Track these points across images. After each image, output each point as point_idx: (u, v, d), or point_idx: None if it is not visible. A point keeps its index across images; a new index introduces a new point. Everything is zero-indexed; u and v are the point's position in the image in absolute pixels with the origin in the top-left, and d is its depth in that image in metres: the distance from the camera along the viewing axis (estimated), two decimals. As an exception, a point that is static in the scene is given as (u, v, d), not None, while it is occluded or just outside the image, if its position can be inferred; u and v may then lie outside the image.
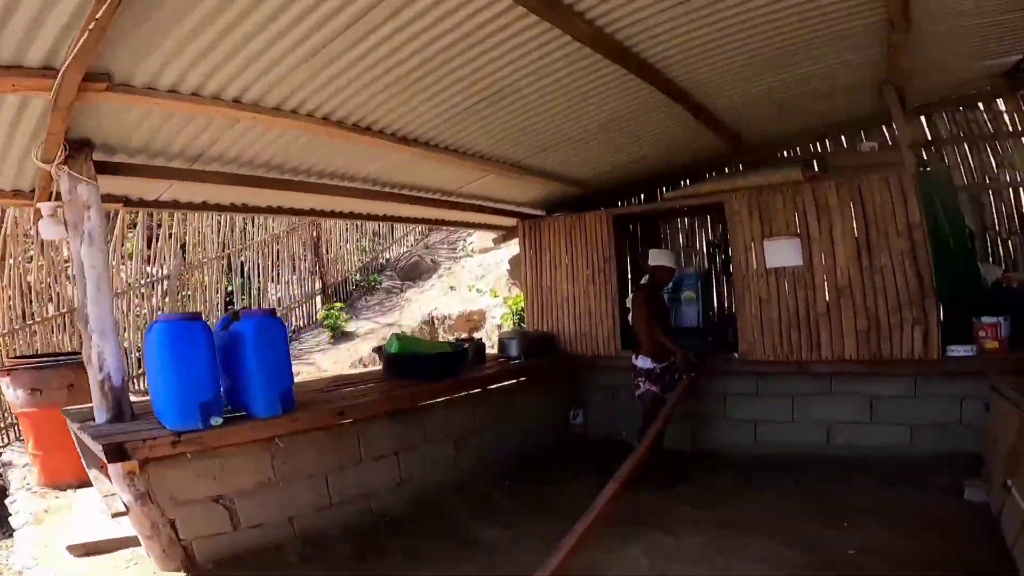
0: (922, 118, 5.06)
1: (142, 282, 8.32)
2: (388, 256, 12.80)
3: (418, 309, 9.94)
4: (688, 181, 5.78)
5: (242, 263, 9.81)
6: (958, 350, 3.93)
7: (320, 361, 8.80)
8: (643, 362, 4.31)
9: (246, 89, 2.65)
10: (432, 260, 11.97)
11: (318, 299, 11.07)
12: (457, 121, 3.51)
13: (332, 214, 5.15)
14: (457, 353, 4.43)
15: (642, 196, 6.21)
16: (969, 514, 3.12)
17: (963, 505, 3.25)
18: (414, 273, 11.77)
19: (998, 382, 3.09)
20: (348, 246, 11.75)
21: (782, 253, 4.38)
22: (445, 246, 12.60)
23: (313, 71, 2.62)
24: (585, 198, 5.90)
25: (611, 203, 6.13)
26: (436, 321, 9.48)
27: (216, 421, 2.99)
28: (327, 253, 11.38)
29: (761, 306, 4.51)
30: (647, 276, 4.44)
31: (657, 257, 4.41)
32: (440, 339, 9.29)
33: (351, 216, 6.00)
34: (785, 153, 5.49)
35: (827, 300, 4.26)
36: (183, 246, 8.83)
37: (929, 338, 3.96)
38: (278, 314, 3.87)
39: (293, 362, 9.47)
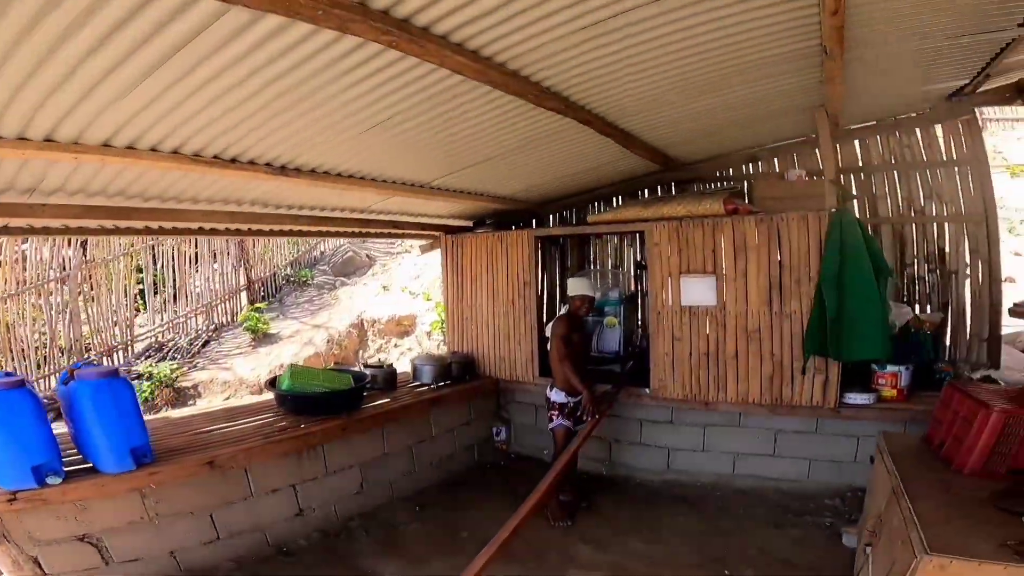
0: (856, 142, 4.89)
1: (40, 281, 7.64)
2: (324, 248, 12.30)
3: (348, 310, 9.55)
4: (620, 199, 5.62)
5: (153, 258, 9.17)
6: (856, 398, 3.93)
7: (238, 366, 8.34)
8: (556, 395, 4.18)
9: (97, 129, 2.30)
10: (368, 255, 11.54)
11: (243, 295, 10.52)
12: (348, 147, 3.19)
13: (225, 232, 4.73)
14: (353, 391, 4.15)
15: (574, 211, 6.03)
16: (843, 560, 3.28)
17: (839, 551, 3.40)
18: (348, 268, 11.32)
19: (882, 440, 3.05)
20: (278, 240, 11.18)
21: (698, 291, 4.28)
22: (384, 240, 12.17)
23: (168, 108, 2.28)
24: (517, 212, 5.66)
25: (544, 217, 5.93)
26: (365, 324, 9.12)
27: (54, 480, 2.84)
28: (254, 247, 10.80)
29: (674, 344, 4.41)
30: (567, 305, 4.29)
31: (575, 287, 4.24)
32: (369, 344, 8.96)
33: (248, 233, 5.55)
34: (718, 173, 5.38)
35: (736, 343, 4.18)
36: (84, 242, 8.14)
37: (828, 387, 3.95)
38: (195, 313, 3.54)
39: (210, 365, 9.12)
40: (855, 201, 4.85)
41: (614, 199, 5.74)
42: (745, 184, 5.13)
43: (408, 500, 4.37)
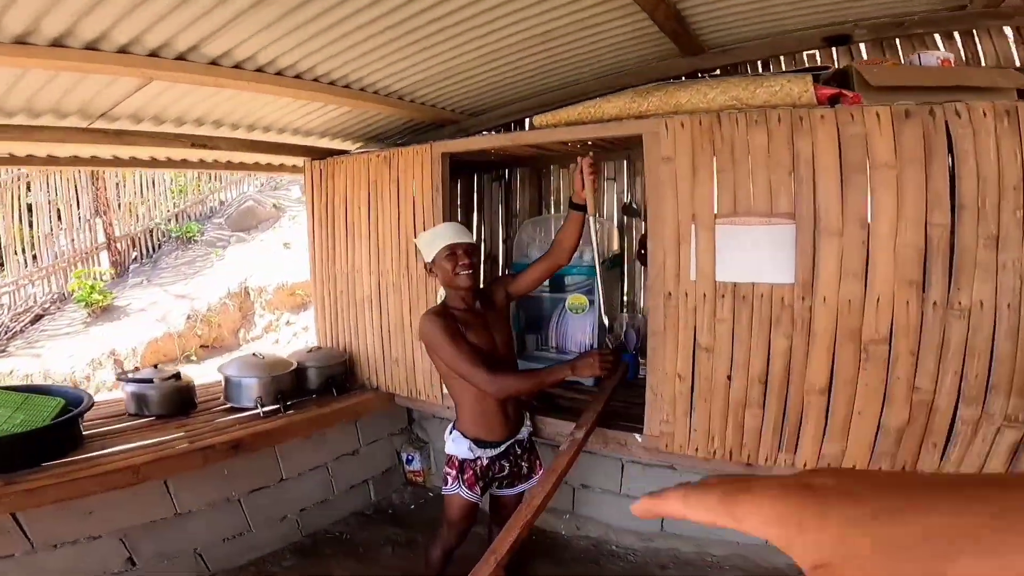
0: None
1: None
2: (224, 197, 9.75)
3: (231, 274, 7.16)
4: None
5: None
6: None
7: (53, 353, 5.91)
8: (456, 443, 2.17)
9: None
10: (275, 205, 9.06)
11: (103, 255, 8.01)
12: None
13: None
14: (53, 430, 1.92)
15: (528, 123, 3.73)
16: None
17: None
18: (248, 222, 8.84)
19: None
20: (157, 187, 8.64)
21: (753, 253, 2.06)
22: (299, 187, 9.69)
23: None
24: (435, 130, 3.39)
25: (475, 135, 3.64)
26: (251, 294, 6.77)
27: None
28: (119, 196, 8.24)
29: (696, 357, 2.24)
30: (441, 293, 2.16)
31: (428, 241, 2.16)
32: (256, 321, 6.63)
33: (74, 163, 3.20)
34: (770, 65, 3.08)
35: (832, 363, 2.03)
36: None
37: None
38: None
39: (21, 351, 6.44)
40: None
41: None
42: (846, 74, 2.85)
43: (275, 556, 2.77)
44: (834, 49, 2.85)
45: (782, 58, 2.96)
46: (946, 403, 1.88)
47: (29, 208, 7.38)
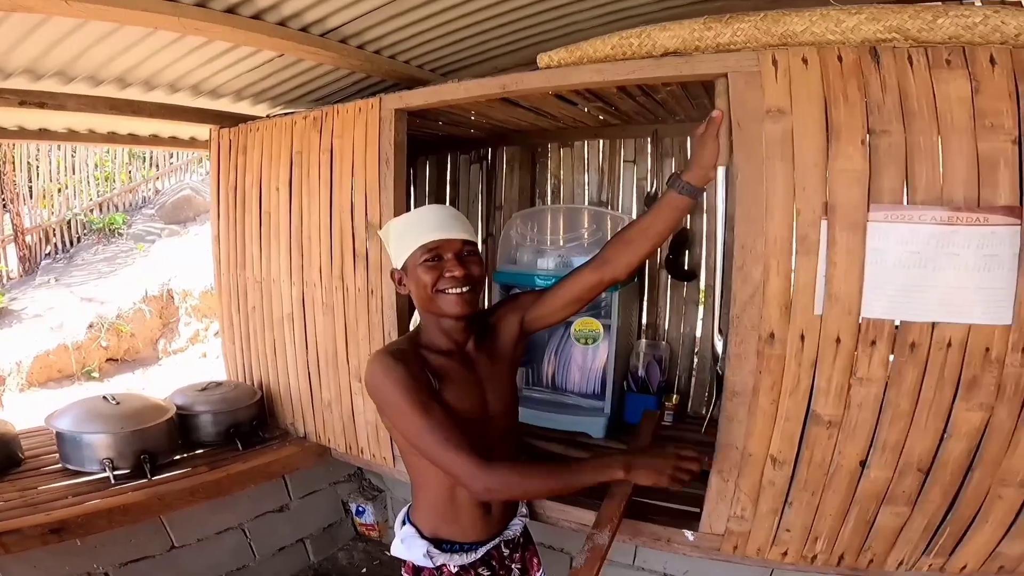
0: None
1: None
2: (162, 186, 8.57)
3: (154, 273, 6.03)
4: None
5: None
6: None
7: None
8: (406, 542, 1.34)
9: None
10: (217, 196, 7.92)
11: (10, 249, 6.79)
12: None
13: None
14: None
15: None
16: None
17: None
18: (183, 213, 7.71)
19: None
20: (79, 172, 7.44)
21: (938, 272, 1.15)
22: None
23: None
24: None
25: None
26: (176, 297, 5.67)
27: None
28: (31, 182, 7.03)
29: (808, 435, 1.34)
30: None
31: (399, 235, 1.28)
32: (181, 329, 5.54)
33: None
34: None
35: None
36: None
37: None
38: None
39: None
40: None
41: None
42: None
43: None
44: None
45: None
46: None
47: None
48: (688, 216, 2.46)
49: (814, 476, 1.38)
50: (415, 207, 1.87)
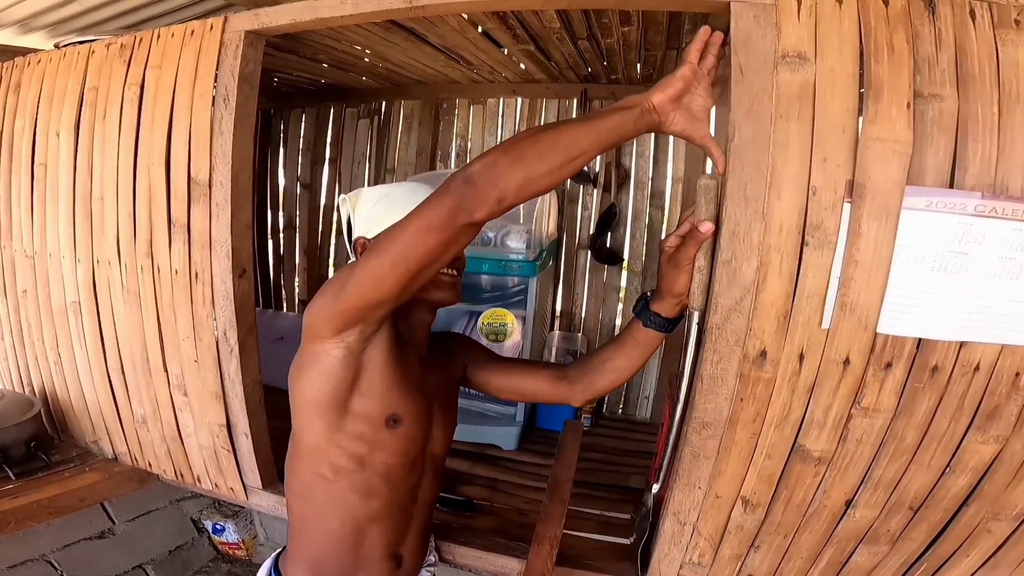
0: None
1: None
2: None
3: None
4: None
5: None
6: None
7: None
8: None
9: None
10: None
11: None
12: None
13: None
14: None
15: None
16: None
17: None
18: None
19: None
20: None
21: (994, 279, 0.86)
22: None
23: None
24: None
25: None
26: None
27: None
28: None
29: (790, 472, 1.06)
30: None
31: (388, 207, 0.99)
32: None
33: None
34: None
35: None
36: None
37: None
38: None
39: None
40: None
41: None
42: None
43: None
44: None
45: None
46: None
47: None
48: (613, 189, 2.11)
49: (789, 518, 1.12)
50: (283, 168, 1.30)
